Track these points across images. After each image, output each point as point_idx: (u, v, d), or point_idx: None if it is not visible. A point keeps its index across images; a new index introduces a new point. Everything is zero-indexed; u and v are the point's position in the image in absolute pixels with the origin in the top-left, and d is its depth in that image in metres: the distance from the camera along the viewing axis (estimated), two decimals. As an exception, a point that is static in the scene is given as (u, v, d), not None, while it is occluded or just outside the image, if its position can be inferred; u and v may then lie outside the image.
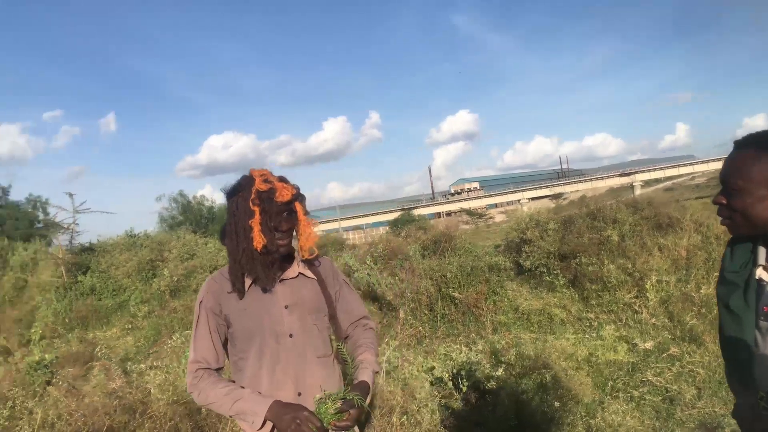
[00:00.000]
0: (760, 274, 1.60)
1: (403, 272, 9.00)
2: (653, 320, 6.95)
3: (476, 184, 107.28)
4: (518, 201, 69.94)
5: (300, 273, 2.02)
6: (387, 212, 70.31)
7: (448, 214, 71.37)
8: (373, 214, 75.59)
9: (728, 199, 1.61)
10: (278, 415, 1.76)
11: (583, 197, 38.04)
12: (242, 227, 1.86)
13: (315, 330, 1.99)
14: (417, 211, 57.87)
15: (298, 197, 1.94)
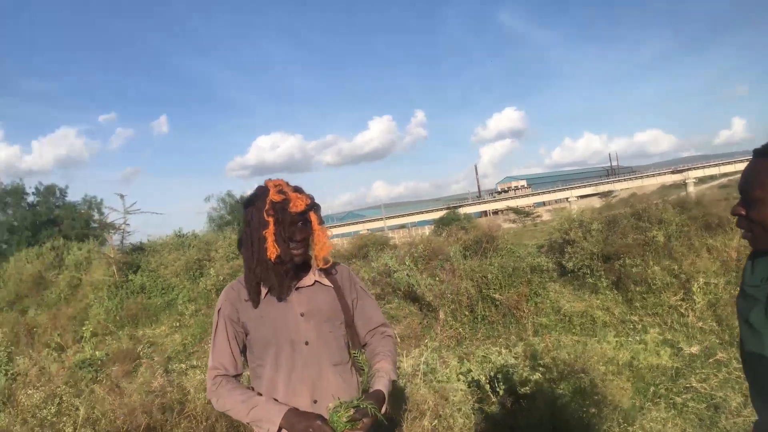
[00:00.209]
0: None
1: (443, 273, 8.98)
2: (700, 324, 6.74)
3: (524, 182, 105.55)
4: (566, 199, 68.64)
5: (316, 281, 2.04)
6: (432, 211, 69.88)
7: (495, 212, 70.58)
8: (419, 213, 75.22)
9: (747, 210, 1.55)
10: (292, 423, 1.79)
11: (633, 195, 37.10)
12: (257, 237, 1.90)
13: (331, 338, 2.01)
14: (463, 210, 57.25)
15: (313, 207, 1.96)
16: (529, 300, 8.13)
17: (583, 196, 68.25)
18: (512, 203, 69.88)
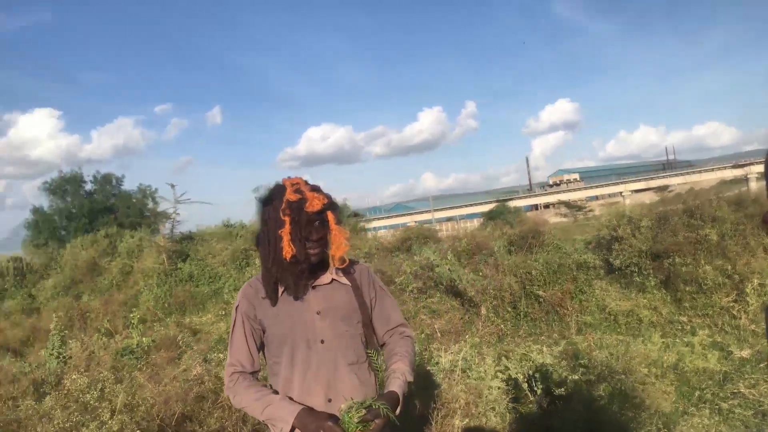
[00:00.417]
0: None
1: (486, 268, 8.90)
2: (753, 327, 6.48)
3: (576, 176, 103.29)
4: (620, 193, 66.91)
5: (334, 279, 2.05)
6: (481, 203, 69.04)
7: (546, 206, 69.46)
8: (467, 206, 74.56)
9: None
10: (304, 423, 1.81)
11: (691, 190, 35.85)
12: (273, 236, 1.92)
13: (347, 336, 2.01)
14: (513, 203, 56.38)
15: (330, 206, 1.96)
16: (573, 297, 7.98)
17: (637, 191, 66.30)
18: (564, 197, 68.41)
